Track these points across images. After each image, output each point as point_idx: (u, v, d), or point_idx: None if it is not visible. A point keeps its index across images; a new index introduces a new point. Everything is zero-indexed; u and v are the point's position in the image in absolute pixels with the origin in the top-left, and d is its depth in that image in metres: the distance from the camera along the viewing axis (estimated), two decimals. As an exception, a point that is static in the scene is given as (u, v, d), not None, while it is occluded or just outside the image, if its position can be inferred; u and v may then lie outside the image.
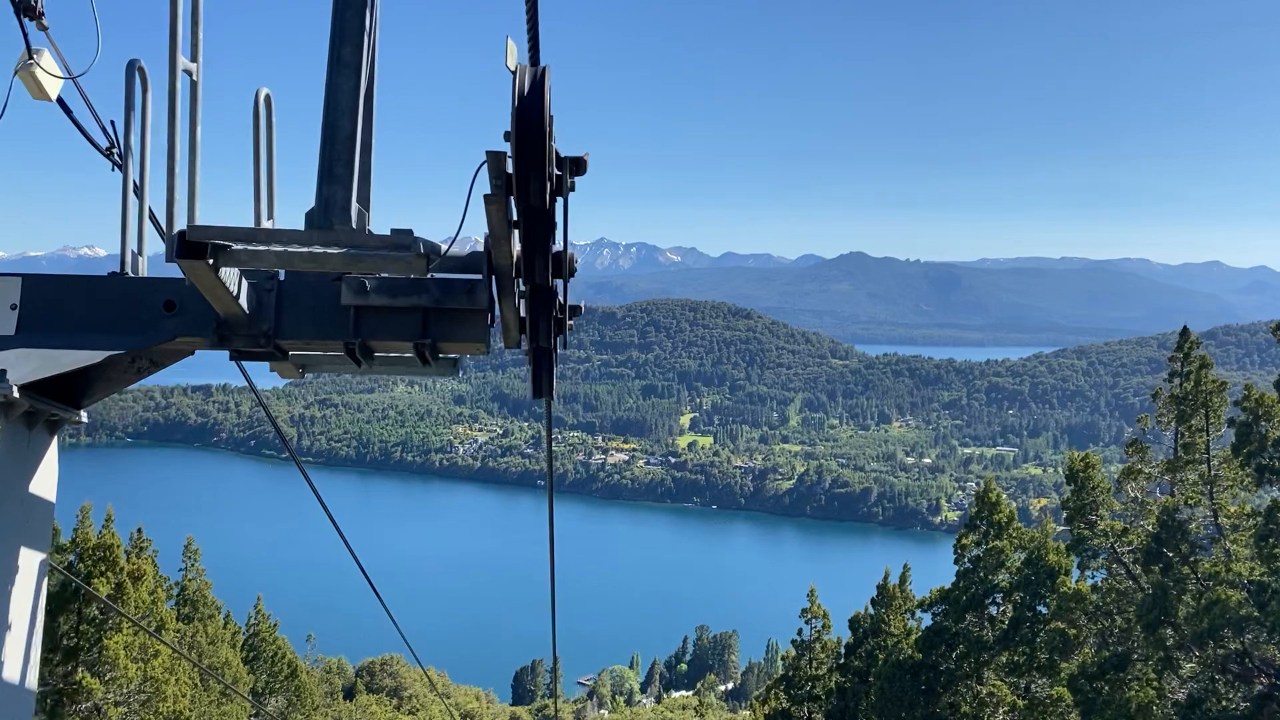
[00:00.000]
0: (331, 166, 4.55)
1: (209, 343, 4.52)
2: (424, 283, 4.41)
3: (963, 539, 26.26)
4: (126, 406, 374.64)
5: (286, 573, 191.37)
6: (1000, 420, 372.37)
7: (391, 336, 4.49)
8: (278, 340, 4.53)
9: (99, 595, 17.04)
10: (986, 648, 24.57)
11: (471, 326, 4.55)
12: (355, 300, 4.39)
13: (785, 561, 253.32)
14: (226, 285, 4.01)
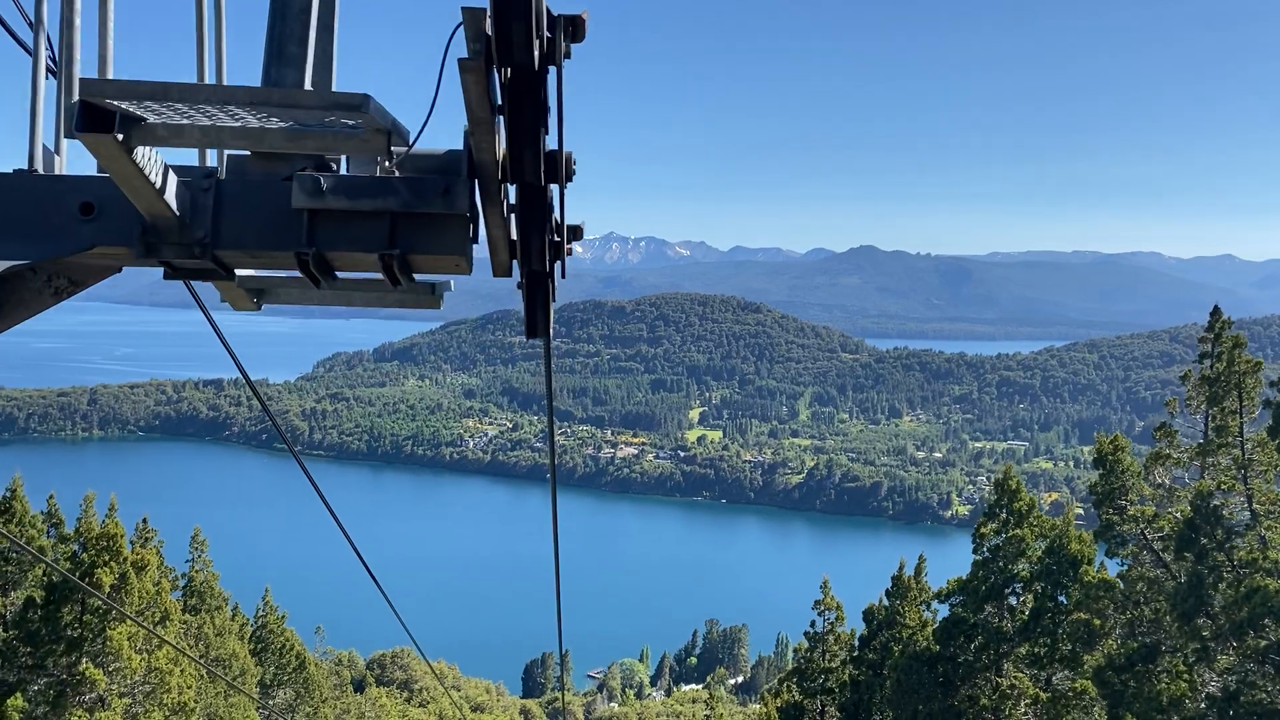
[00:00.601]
0: (282, 45, 3.88)
1: (134, 253, 3.80)
2: (390, 182, 3.70)
3: (981, 528, 25.56)
4: (138, 401, 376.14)
5: (296, 566, 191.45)
6: (1011, 414, 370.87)
7: (353, 246, 3.74)
8: (216, 251, 3.79)
9: (91, 590, 16.47)
10: (1006, 639, 23.89)
11: (448, 235, 3.78)
12: (308, 202, 3.66)
13: (795, 555, 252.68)
14: (147, 174, 3.38)
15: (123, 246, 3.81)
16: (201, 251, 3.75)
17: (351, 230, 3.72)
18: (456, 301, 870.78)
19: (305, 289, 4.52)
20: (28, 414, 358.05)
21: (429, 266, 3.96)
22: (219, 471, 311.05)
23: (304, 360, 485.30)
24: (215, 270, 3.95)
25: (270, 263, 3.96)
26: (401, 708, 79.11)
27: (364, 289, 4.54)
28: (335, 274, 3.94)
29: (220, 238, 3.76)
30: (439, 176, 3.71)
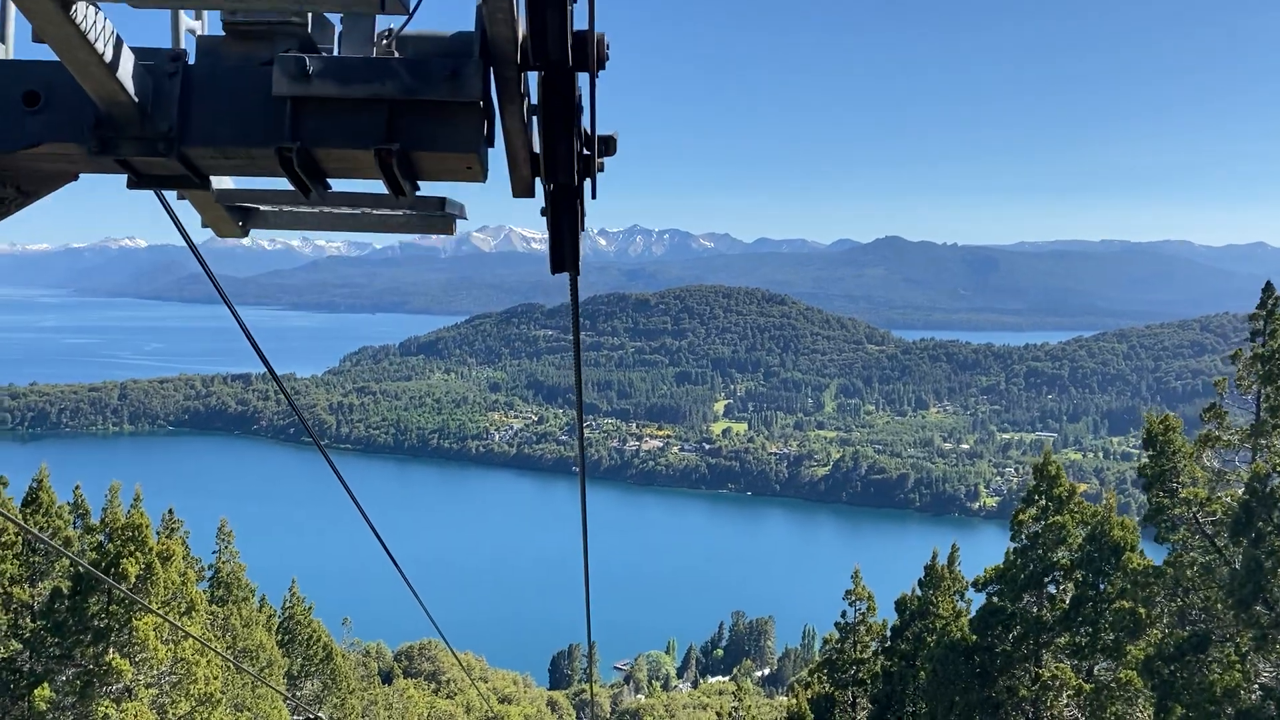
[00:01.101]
0: None
1: (87, 150, 3.18)
2: (388, 64, 3.10)
3: (1019, 514, 24.86)
4: (168, 395, 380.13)
5: (324, 558, 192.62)
6: (1039, 405, 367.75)
7: (345, 140, 3.14)
8: (185, 148, 3.20)
9: (113, 582, 16.27)
10: (1046, 628, 23.18)
11: (458, 128, 3.16)
12: (292, 89, 3.08)
13: (821, 548, 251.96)
14: (92, 43, 2.76)
15: (74, 143, 3.20)
16: (166, 148, 3.17)
17: (343, 122, 3.13)
18: (481, 295, 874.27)
19: (296, 206, 3.96)
20: (59, 409, 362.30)
21: (436, 170, 3.35)
22: (247, 465, 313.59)
23: (331, 354, 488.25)
24: (186, 177, 3.37)
25: (249, 166, 3.35)
26: (429, 699, 79.31)
27: (364, 205, 3.93)
28: (327, 181, 3.37)
29: (189, 131, 3.18)
30: (446, 59, 3.13)
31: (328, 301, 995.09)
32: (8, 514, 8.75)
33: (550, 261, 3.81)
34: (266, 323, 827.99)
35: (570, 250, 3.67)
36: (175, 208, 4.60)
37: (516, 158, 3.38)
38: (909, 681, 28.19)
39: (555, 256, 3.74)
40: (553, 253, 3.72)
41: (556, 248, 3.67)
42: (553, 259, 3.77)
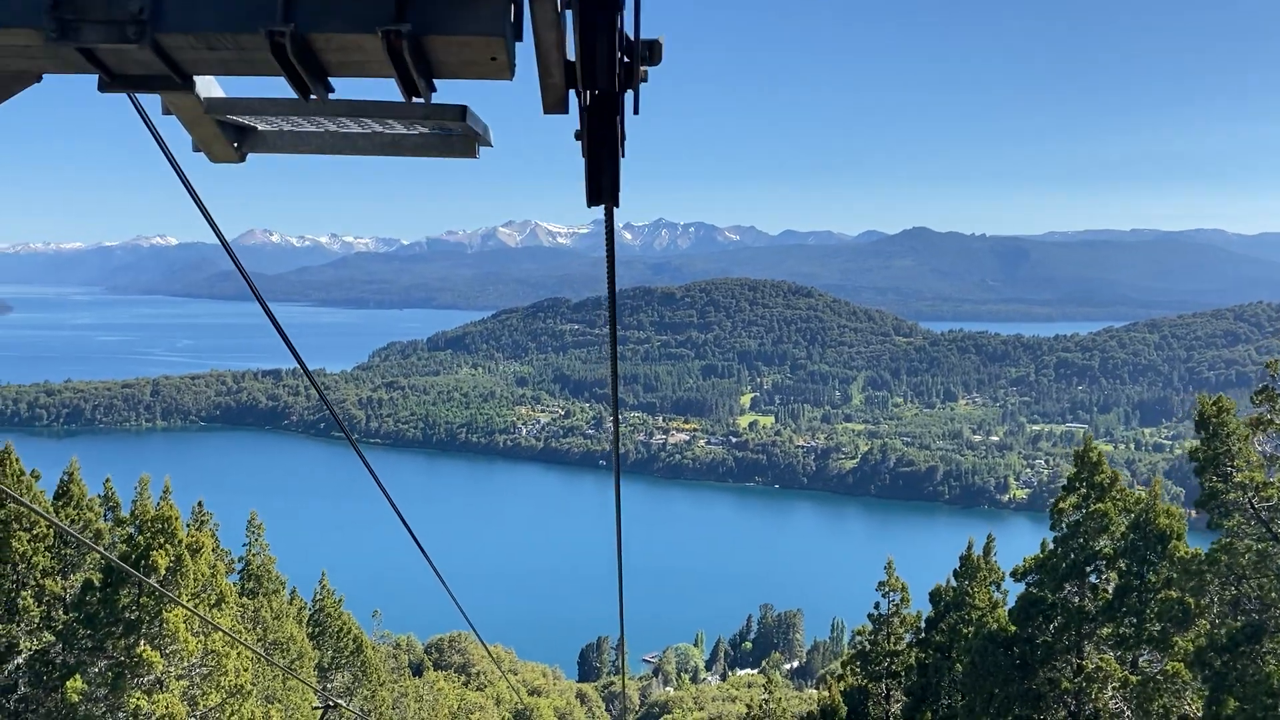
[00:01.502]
0: None
1: (43, 34, 2.71)
2: None
3: (1060, 503, 24.26)
4: (199, 391, 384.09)
5: (355, 552, 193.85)
6: (1069, 396, 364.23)
7: (347, 22, 2.66)
8: (159, 35, 2.72)
9: (142, 575, 16.14)
10: (1088, 619, 22.58)
11: (479, 7, 2.70)
12: None
13: (849, 541, 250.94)
14: None
15: (26, 27, 2.73)
16: (138, 34, 2.68)
17: (344, 1, 2.67)
18: (508, 290, 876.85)
19: (296, 121, 3.50)
20: (93, 405, 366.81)
21: (455, 62, 2.85)
22: (278, 460, 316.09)
23: (360, 350, 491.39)
24: (166, 76, 2.91)
25: (238, 61, 2.87)
26: (459, 692, 79.54)
27: (372, 115, 3.41)
28: (329, 81, 2.92)
29: (163, 12, 2.70)
30: None
31: (356, 297, 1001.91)
32: (36, 508, 8.59)
33: (586, 191, 3.21)
34: (296, 319, 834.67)
35: (609, 178, 3.16)
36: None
37: (548, 60, 2.91)
38: (944, 674, 27.70)
39: (592, 185, 3.19)
40: (589, 180, 3.19)
41: (593, 174, 3.16)
42: (589, 187, 3.20)
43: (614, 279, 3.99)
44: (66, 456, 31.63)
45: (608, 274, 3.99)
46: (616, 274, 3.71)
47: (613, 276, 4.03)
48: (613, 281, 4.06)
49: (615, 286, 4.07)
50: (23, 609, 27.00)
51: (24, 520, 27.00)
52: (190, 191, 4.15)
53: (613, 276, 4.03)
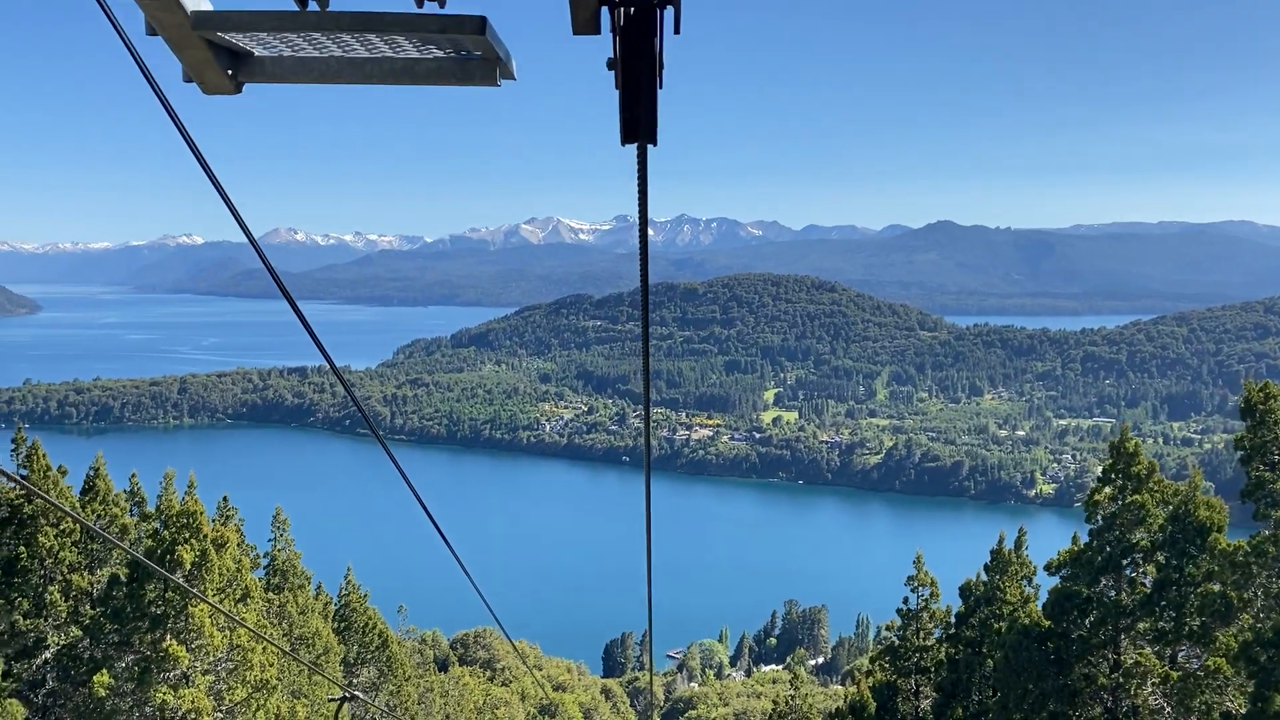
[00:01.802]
0: None
1: None
2: None
3: (1095, 494, 23.66)
4: (226, 389, 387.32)
5: (380, 547, 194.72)
6: (1097, 390, 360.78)
7: None
8: None
9: (165, 573, 16.07)
10: (1125, 613, 21.98)
11: None
12: None
13: (874, 536, 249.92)
14: None
15: None
16: None
17: None
18: (531, 286, 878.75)
19: (296, 41, 3.22)
20: (121, 404, 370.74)
21: None
22: (304, 457, 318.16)
23: (384, 347, 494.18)
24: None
25: None
26: (484, 687, 79.65)
27: (378, 28, 3.08)
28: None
29: None
30: None
31: (381, 295, 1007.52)
32: (60, 504, 8.44)
33: (621, 126, 2.79)
34: (321, 317, 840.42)
35: (645, 109, 2.75)
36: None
37: None
38: (975, 669, 27.25)
39: (627, 118, 2.77)
40: (624, 112, 2.77)
41: (629, 105, 2.74)
42: (624, 121, 2.78)
43: (645, 231, 3.76)
44: (95, 453, 31.80)
45: (639, 226, 3.71)
46: (637, 272, 3.62)
47: (644, 226, 3.77)
48: (644, 233, 3.83)
49: (647, 241, 3.90)
50: (50, 604, 27.09)
51: (51, 515, 27.09)
52: (218, 188, 4.05)
53: (644, 226, 3.77)
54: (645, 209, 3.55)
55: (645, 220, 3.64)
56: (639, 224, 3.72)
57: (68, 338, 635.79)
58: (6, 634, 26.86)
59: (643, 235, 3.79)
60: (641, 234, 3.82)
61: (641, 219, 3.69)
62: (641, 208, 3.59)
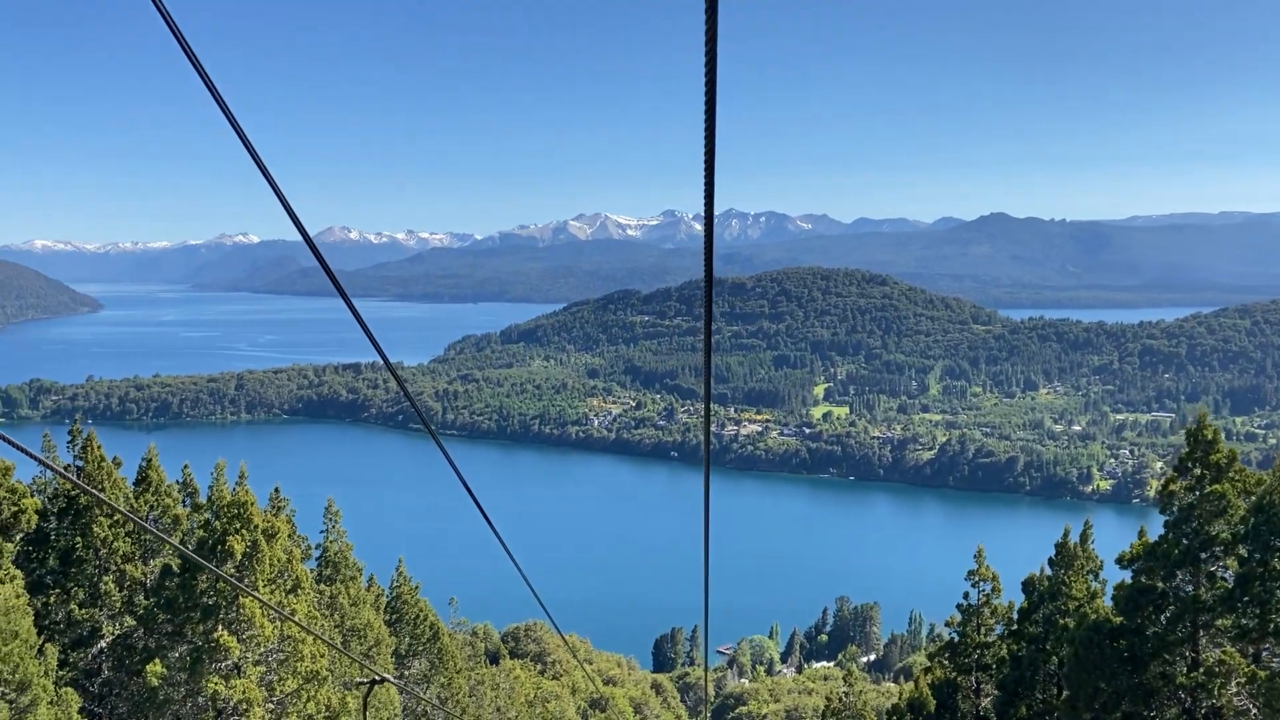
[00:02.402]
0: None
1: None
2: None
3: (1170, 485, 22.50)
4: (282, 385, 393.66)
5: (432, 540, 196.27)
6: (1155, 384, 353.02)
7: None
8: None
9: (214, 569, 15.85)
10: (1204, 609, 20.96)
11: None
12: None
13: (927, 533, 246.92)
14: None
15: None
16: None
17: None
18: (579, 282, 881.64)
19: None
20: (180, 399, 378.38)
21: None
22: (358, 451, 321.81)
23: (435, 343, 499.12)
24: None
25: None
26: (535, 680, 79.65)
27: None
28: None
29: None
30: None
31: (432, 292, 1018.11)
32: (103, 496, 8.20)
33: None
34: (374, 314, 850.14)
35: None
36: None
37: None
38: (1039, 667, 26.31)
39: None
40: None
41: None
42: None
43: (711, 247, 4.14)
44: (158, 449, 32.05)
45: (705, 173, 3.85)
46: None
47: (711, 173, 3.87)
48: (711, 176, 3.92)
49: (713, 208, 4.02)
50: (105, 593, 27.26)
51: (105, 506, 27.25)
52: (273, 186, 4.22)
53: (711, 173, 3.87)
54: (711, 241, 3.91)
55: (711, 258, 3.97)
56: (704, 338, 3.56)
57: (128, 335, 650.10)
58: (63, 623, 27.08)
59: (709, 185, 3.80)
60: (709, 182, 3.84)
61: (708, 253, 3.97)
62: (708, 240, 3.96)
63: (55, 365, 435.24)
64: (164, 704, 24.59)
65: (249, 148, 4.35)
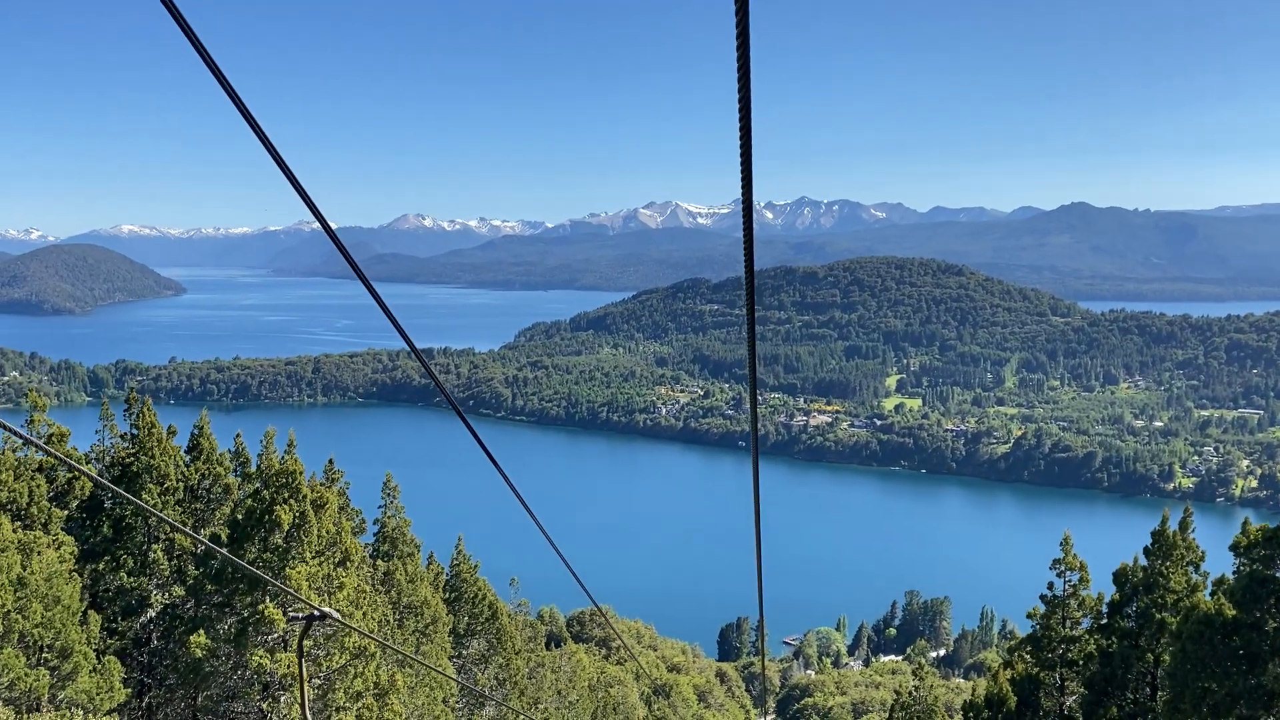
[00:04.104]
0: None
1: None
2: None
3: None
4: (357, 369, 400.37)
5: (501, 524, 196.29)
6: (1243, 380, 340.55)
7: None
8: None
9: (252, 568, 15.07)
10: None
11: None
12: None
13: (1000, 528, 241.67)
14: None
15: None
16: None
17: None
18: (649, 271, 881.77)
19: None
20: (259, 382, 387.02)
21: None
22: (428, 434, 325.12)
23: (506, 330, 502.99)
24: None
25: None
26: (599, 664, 78.98)
27: None
28: None
29: None
30: None
31: (504, 279, 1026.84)
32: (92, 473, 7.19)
33: None
34: (447, 300, 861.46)
35: None
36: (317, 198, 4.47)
37: None
38: (1132, 664, 24.29)
39: None
40: None
41: None
42: None
43: (749, 163, 3.80)
44: (232, 428, 31.73)
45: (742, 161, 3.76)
46: (755, 252, 3.60)
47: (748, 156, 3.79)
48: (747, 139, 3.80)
49: (751, 193, 3.87)
50: (153, 563, 26.79)
51: (154, 473, 26.77)
52: (287, 173, 4.25)
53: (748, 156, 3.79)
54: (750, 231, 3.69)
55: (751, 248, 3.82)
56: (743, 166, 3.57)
57: (210, 318, 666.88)
58: (112, 591, 26.67)
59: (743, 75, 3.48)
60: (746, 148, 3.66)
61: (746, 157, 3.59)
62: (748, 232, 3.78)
63: (140, 347, 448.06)
64: (209, 675, 23.97)
65: (264, 139, 4.21)
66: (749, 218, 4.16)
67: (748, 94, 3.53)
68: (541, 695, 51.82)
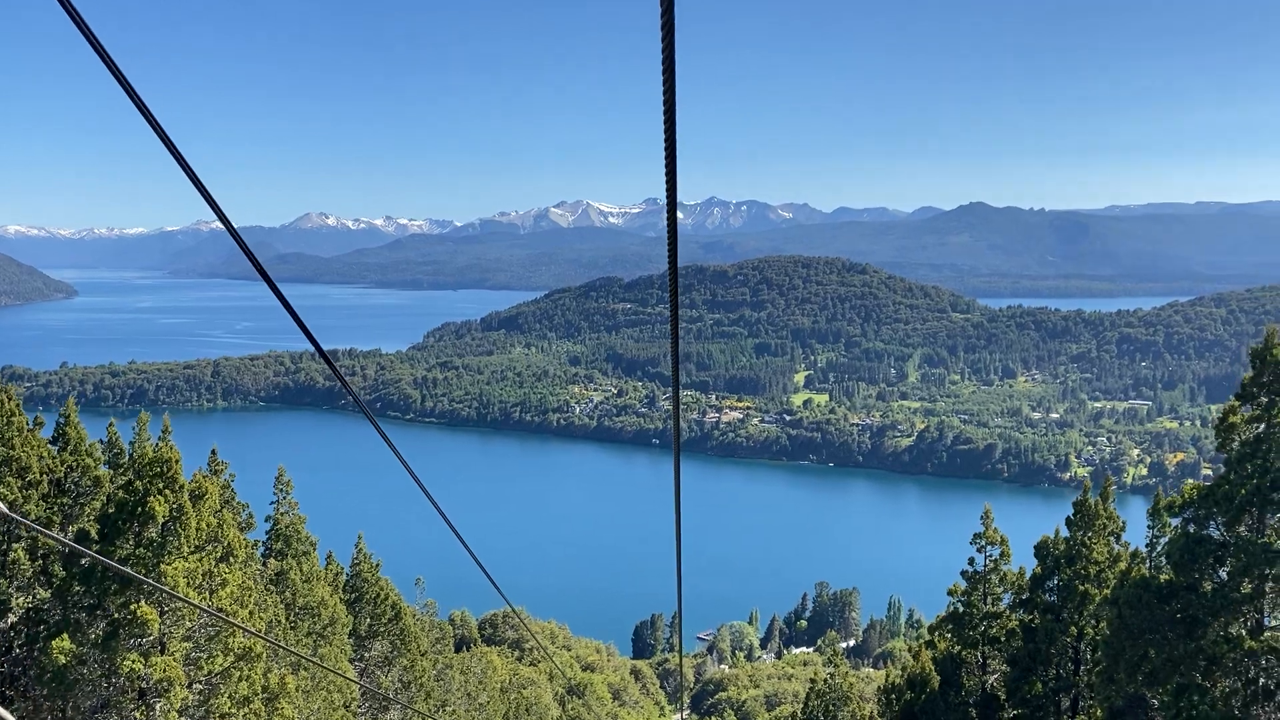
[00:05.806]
0: None
1: None
2: None
3: (1230, 416, 19.64)
4: (258, 372, 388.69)
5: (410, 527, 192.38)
6: (1133, 372, 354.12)
7: None
8: None
9: (109, 562, 12.64)
10: (1276, 560, 18.33)
11: None
12: None
13: (906, 519, 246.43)
14: None
15: None
16: None
17: None
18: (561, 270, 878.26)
19: None
20: (156, 386, 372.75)
21: None
22: (332, 438, 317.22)
23: (414, 330, 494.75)
24: None
25: None
26: (511, 666, 77.24)
27: None
28: None
29: None
30: None
31: (411, 279, 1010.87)
32: None
33: None
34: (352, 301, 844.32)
35: None
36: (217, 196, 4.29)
37: None
38: (1055, 638, 23.78)
39: None
40: None
41: None
42: None
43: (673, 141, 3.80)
44: (128, 437, 29.36)
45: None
46: (666, 251, 3.61)
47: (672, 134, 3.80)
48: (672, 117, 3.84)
49: (675, 188, 4.00)
50: (14, 562, 24.42)
51: (14, 465, 24.40)
52: (192, 178, 4.21)
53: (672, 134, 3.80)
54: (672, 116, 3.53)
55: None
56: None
57: (104, 322, 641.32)
58: (-33, 596, 24.20)
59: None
60: None
61: None
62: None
63: (28, 352, 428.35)
64: (74, 684, 21.80)
65: (160, 133, 4.14)
66: (673, 216, 4.15)
67: (672, 96, 3.55)
68: (450, 698, 49.98)
